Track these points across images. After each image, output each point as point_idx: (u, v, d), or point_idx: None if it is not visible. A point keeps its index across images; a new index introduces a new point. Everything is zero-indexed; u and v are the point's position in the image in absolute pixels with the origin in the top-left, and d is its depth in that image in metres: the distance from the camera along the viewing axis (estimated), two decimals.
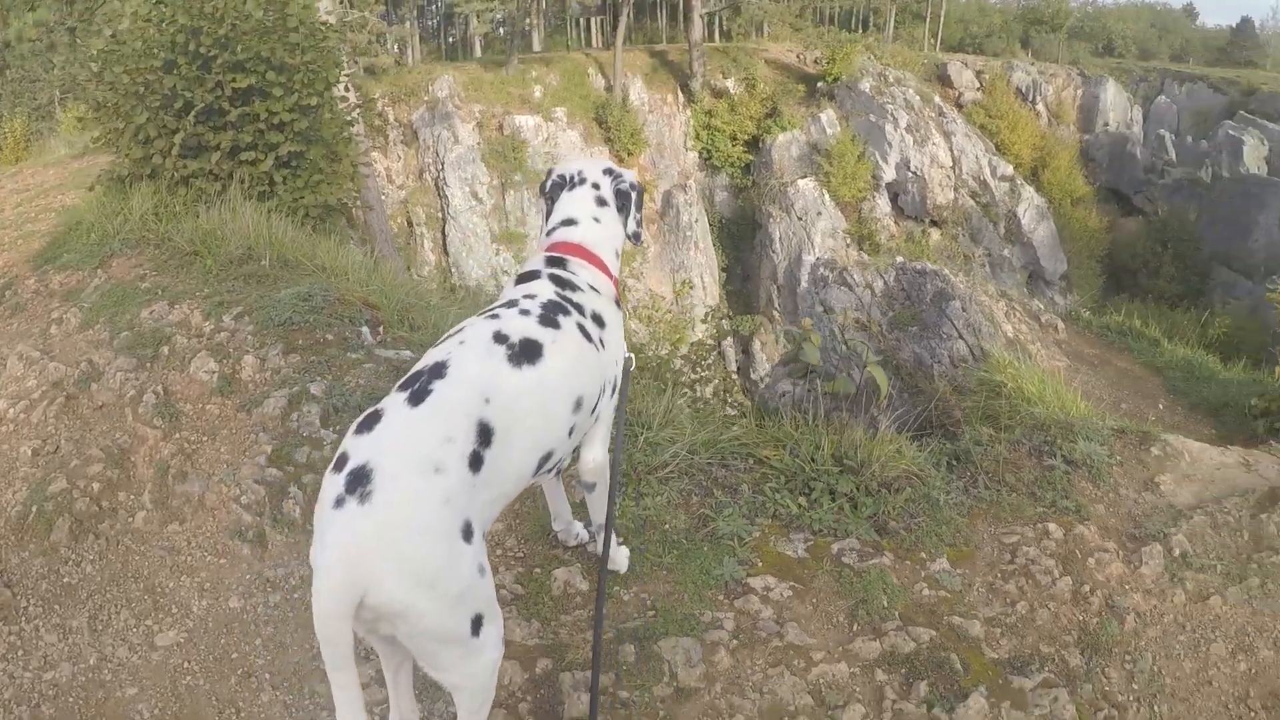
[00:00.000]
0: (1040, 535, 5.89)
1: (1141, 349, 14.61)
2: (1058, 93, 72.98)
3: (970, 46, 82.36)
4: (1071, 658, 5.02)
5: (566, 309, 3.82)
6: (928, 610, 5.13)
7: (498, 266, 45.61)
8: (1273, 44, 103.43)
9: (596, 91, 52.66)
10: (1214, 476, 7.42)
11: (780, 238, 50.33)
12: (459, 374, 3.34)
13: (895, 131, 52.91)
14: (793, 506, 5.69)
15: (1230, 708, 5.02)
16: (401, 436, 3.13)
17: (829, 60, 55.38)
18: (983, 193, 55.08)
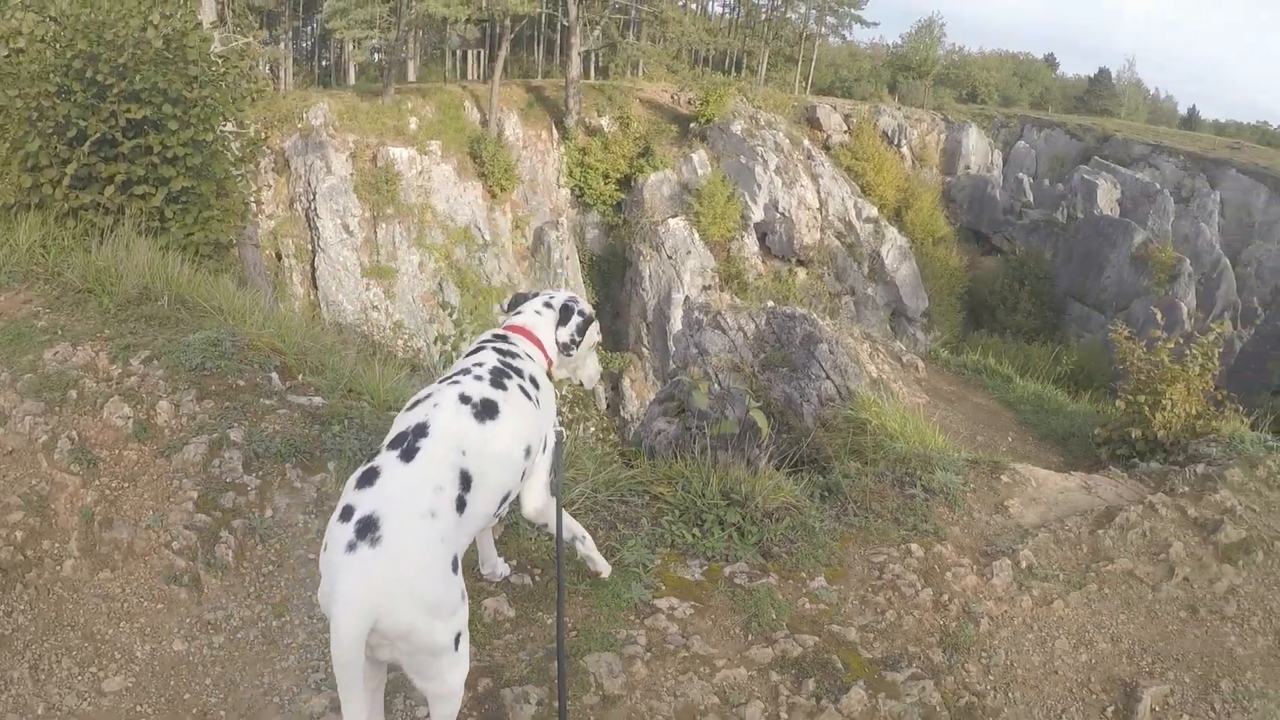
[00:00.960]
0: (904, 554, 6.68)
1: (995, 385, 15.35)
2: (922, 136, 75.32)
3: (840, 90, 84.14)
4: (935, 655, 5.76)
5: (508, 374, 4.43)
6: (810, 620, 5.82)
7: (368, 301, 45.05)
8: (1128, 93, 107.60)
9: (472, 125, 52.40)
10: (1057, 499, 8.25)
11: (650, 276, 50.98)
12: (438, 432, 3.90)
13: (765, 173, 53.98)
14: (688, 536, 6.37)
15: (1074, 692, 5.77)
16: (402, 489, 3.68)
17: (702, 101, 56.36)
18: (848, 233, 56.40)
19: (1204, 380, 12.45)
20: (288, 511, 6.02)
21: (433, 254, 46.81)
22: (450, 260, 47.28)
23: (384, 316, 44.23)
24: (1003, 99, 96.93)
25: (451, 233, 47.79)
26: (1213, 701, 5.96)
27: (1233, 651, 6.53)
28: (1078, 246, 67.00)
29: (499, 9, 50.91)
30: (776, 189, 54.35)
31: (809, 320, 14.42)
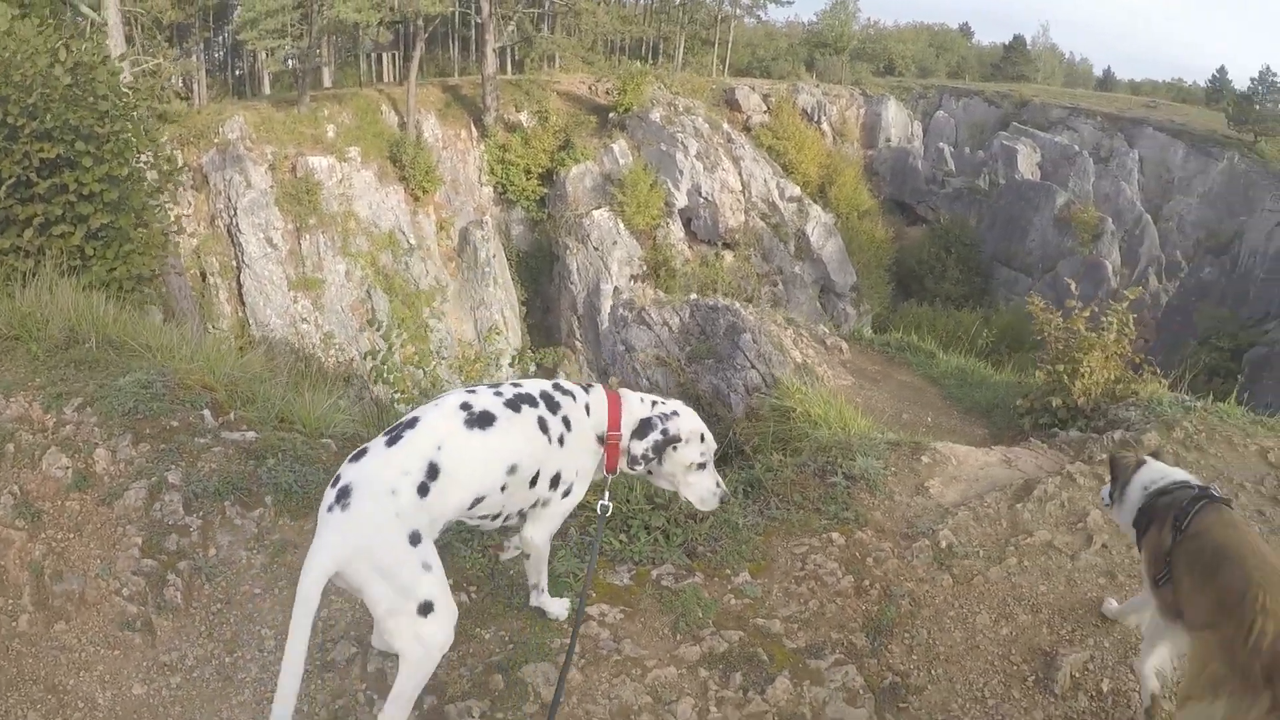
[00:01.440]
0: (826, 544, 6.89)
1: (919, 361, 15.49)
2: (842, 112, 75.93)
3: (758, 70, 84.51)
4: (858, 640, 5.97)
5: (535, 402, 4.89)
6: (736, 616, 6.01)
7: (296, 314, 44.40)
8: (1043, 59, 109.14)
9: (390, 129, 51.90)
10: (978, 476, 8.51)
11: (578, 269, 50.98)
12: (424, 427, 4.51)
13: (686, 159, 54.10)
14: (615, 543, 6.55)
15: (996, 664, 5.98)
16: (375, 467, 4.32)
17: (620, 91, 56.18)
18: (772, 214, 56.66)
19: (1121, 345, 12.75)
20: (230, 549, 6.11)
21: (359, 262, 46.30)
22: (377, 267, 46.85)
23: (314, 329, 43.75)
24: (920, 70, 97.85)
25: (376, 239, 47.36)
26: (1131, 664, 6.22)
27: None
28: (1001, 212, 68.27)
29: (410, 10, 50.33)
30: (698, 174, 54.51)
31: (732, 310, 14.57)
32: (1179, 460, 9.60)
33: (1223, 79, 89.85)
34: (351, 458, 4.46)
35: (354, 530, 4.11)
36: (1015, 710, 5.68)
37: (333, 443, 7.37)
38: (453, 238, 51.21)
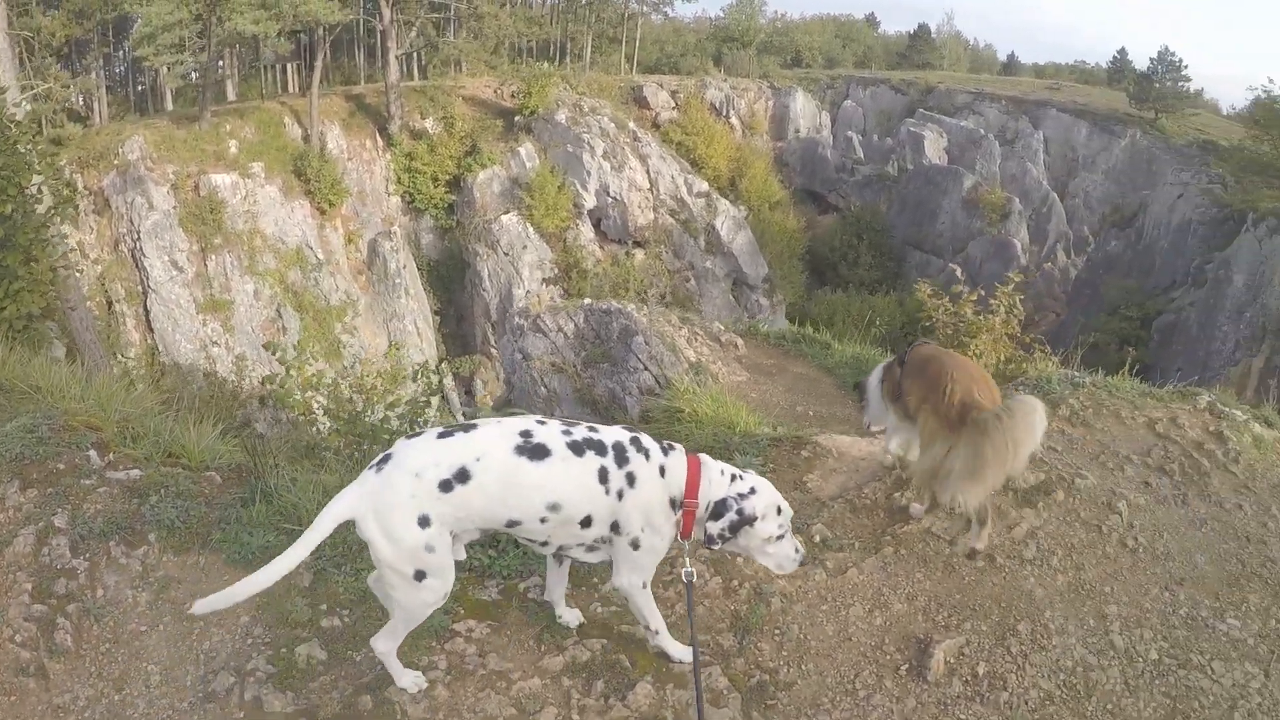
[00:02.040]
0: (693, 546, 6.73)
1: (815, 353, 15.52)
2: (750, 105, 76.45)
3: (666, 67, 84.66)
4: (725, 640, 6.11)
5: (605, 451, 5.10)
6: (601, 624, 6.13)
7: (207, 338, 43.24)
8: (948, 46, 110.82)
9: (294, 142, 50.89)
10: (859, 466, 8.61)
11: (489, 275, 50.61)
12: (475, 435, 4.96)
13: (593, 159, 54.03)
14: (484, 559, 6.61)
15: (868, 655, 6.15)
16: (416, 450, 4.85)
17: (525, 94, 55.90)
18: (681, 210, 56.82)
19: (1010, 326, 12.87)
20: (117, 589, 6.13)
21: (267, 280, 45.29)
22: (286, 284, 45.90)
23: (225, 352, 42.88)
24: (827, 61, 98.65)
25: (283, 256, 46.41)
26: (1009, 645, 6.38)
27: (1032, 593, 6.95)
28: (910, 196, 69.35)
29: (309, 20, 49.39)
30: (606, 174, 54.46)
31: (624, 313, 14.58)
32: (1066, 438, 9.73)
33: (1123, 60, 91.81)
34: (408, 436, 5.06)
35: (376, 493, 4.74)
36: (887, 700, 5.84)
37: (217, 475, 7.35)
38: (361, 250, 50.51)
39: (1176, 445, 9.95)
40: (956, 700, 5.86)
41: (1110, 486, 8.76)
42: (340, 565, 6.31)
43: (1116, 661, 6.37)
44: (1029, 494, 8.35)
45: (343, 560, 6.33)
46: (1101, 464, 9.36)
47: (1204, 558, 7.84)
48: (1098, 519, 8.13)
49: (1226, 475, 9.50)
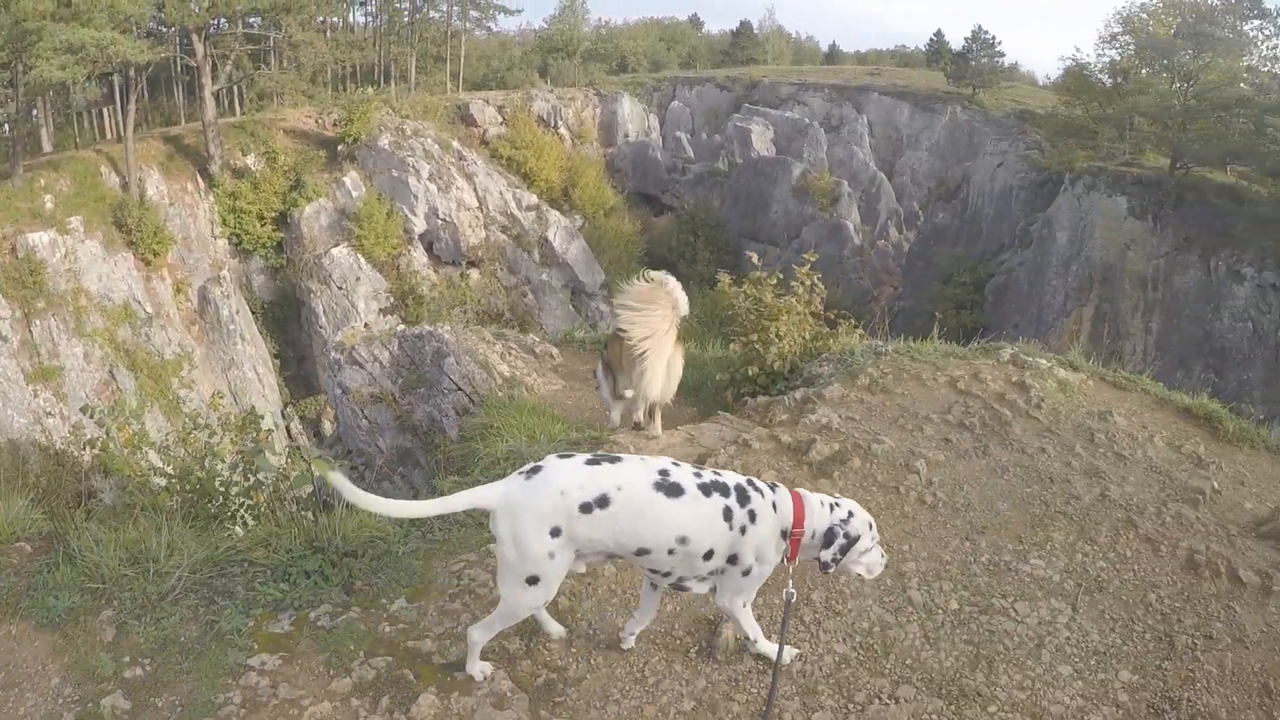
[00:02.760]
0: (482, 557, 6.96)
1: None
2: (578, 114, 76.59)
3: (494, 82, 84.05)
4: (511, 645, 6.02)
5: (728, 492, 5.43)
6: (388, 643, 6.02)
7: (39, 409, 39.47)
8: (771, 41, 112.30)
9: (112, 191, 47.49)
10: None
11: (325, 311, 49.45)
12: (620, 467, 5.34)
13: (419, 183, 53.34)
14: (276, 593, 6.46)
15: (658, 641, 6.17)
16: (564, 469, 5.25)
17: (346, 121, 54.82)
18: (512, 225, 56.55)
19: (812, 304, 13.01)
20: None
21: (96, 341, 42.33)
22: (116, 343, 43.24)
23: (60, 421, 40.65)
24: (653, 64, 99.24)
25: (111, 313, 43.66)
26: (803, 615, 6.47)
27: None
28: (742, 190, 70.52)
29: (119, 61, 47.01)
30: (434, 196, 53.79)
31: (436, 336, 14.50)
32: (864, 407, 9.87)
33: (940, 41, 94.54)
34: (558, 456, 5.42)
35: (518, 496, 5.15)
36: (676, 683, 5.82)
37: (27, 545, 7.11)
38: (192, 299, 48.23)
39: (978, 400, 10.18)
40: (748, 675, 5.85)
41: (909, 448, 8.91)
42: (140, 616, 6.11)
43: (915, 617, 6.47)
44: (824, 465, 8.47)
45: (143, 611, 6.15)
46: (900, 427, 9.53)
47: (1006, 504, 8.03)
48: (895, 480, 8.26)
49: (1030, 421, 9.77)
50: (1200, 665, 6.12)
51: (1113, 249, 49.50)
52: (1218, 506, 8.28)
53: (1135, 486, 8.47)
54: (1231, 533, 7.81)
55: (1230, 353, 44.48)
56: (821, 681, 5.84)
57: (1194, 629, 6.50)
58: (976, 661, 6.07)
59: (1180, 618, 6.62)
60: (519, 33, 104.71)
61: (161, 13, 48.52)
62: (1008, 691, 5.82)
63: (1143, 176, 51.57)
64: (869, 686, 5.81)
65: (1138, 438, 9.62)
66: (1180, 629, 6.47)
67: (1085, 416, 10.04)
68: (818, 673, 5.92)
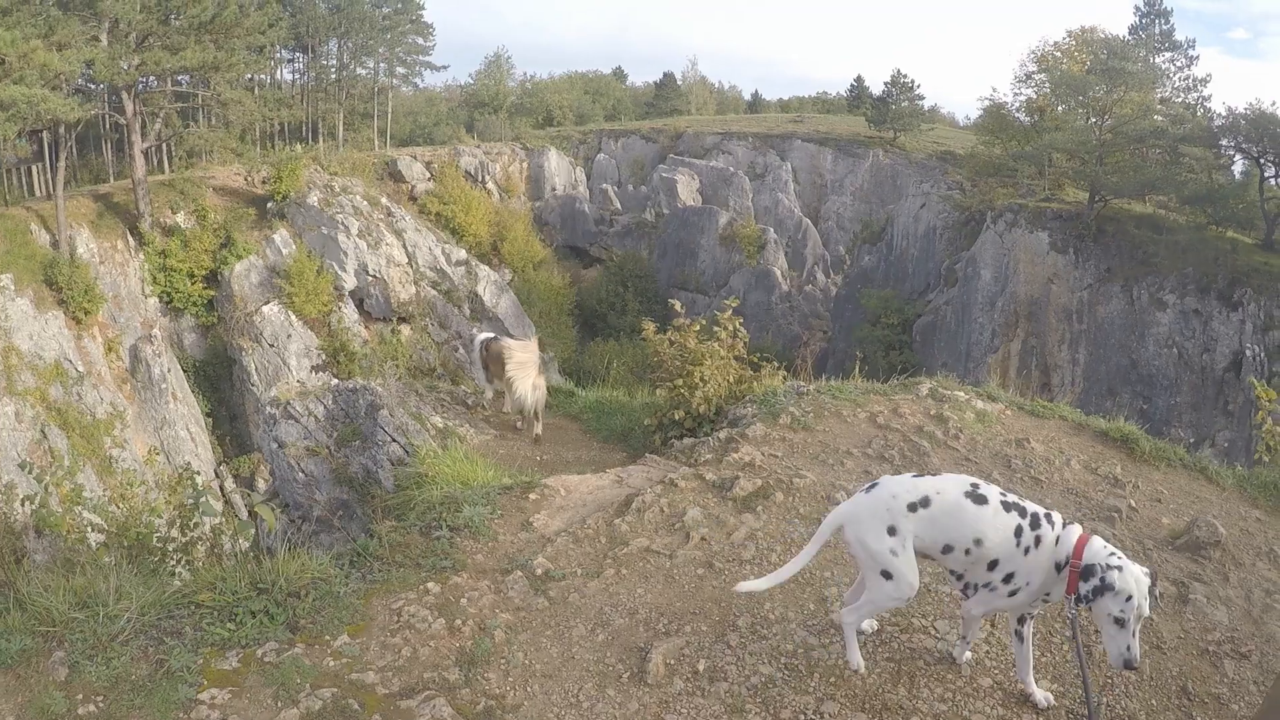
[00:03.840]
0: (422, 594, 7.20)
1: (560, 402, 15.87)
2: (505, 168, 76.87)
3: (421, 139, 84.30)
4: (451, 675, 6.29)
5: (1025, 514, 6.09)
6: (332, 675, 6.23)
7: None
8: (695, 91, 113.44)
9: (43, 249, 46.58)
10: (586, 501, 8.88)
11: (257, 369, 48.86)
12: (940, 480, 6.31)
13: (349, 240, 53.21)
14: (223, 632, 6.59)
15: (591, 669, 6.45)
16: (895, 482, 6.32)
17: (275, 179, 54.48)
18: (442, 280, 56.51)
19: (735, 349, 13.34)
20: None
21: (27, 400, 41.28)
22: (47, 402, 42.23)
23: None
24: (578, 118, 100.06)
25: (42, 372, 42.79)
26: (729, 640, 6.72)
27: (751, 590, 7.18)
28: (670, 240, 71.24)
29: (50, 118, 46.41)
30: (363, 253, 53.66)
31: (369, 390, 14.72)
32: (787, 444, 10.18)
33: (861, 87, 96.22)
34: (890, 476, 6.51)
35: (859, 506, 6.25)
36: (610, 707, 6.12)
37: None
38: (123, 358, 47.37)
39: (897, 433, 10.56)
40: (678, 697, 6.13)
41: (830, 480, 9.25)
42: (92, 656, 6.22)
43: (838, 639, 6.71)
44: (748, 500, 8.78)
45: (94, 652, 6.25)
46: (822, 462, 9.86)
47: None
48: (817, 513, 8.59)
49: (948, 451, 10.16)
50: (1118, 672, 6.47)
51: (1036, 284, 50.79)
52: (1134, 523, 8.72)
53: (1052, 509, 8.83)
54: (1148, 547, 8.26)
55: (1157, 379, 45.79)
56: (748, 700, 6.11)
57: None
58: (899, 677, 6.38)
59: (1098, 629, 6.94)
60: (445, 89, 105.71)
61: (91, 70, 48.00)
62: (929, 704, 6.13)
63: (1063, 211, 53.08)
64: (794, 704, 6.09)
65: (1054, 462, 10.04)
66: (1098, 639, 6.75)
67: (1003, 444, 10.45)
68: (744, 692, 6.18)
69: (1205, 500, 9.53)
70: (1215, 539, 8.17)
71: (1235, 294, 43.77)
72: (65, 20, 45.44)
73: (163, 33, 49.14)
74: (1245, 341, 42.58)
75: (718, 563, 7.70)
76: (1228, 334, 43.51)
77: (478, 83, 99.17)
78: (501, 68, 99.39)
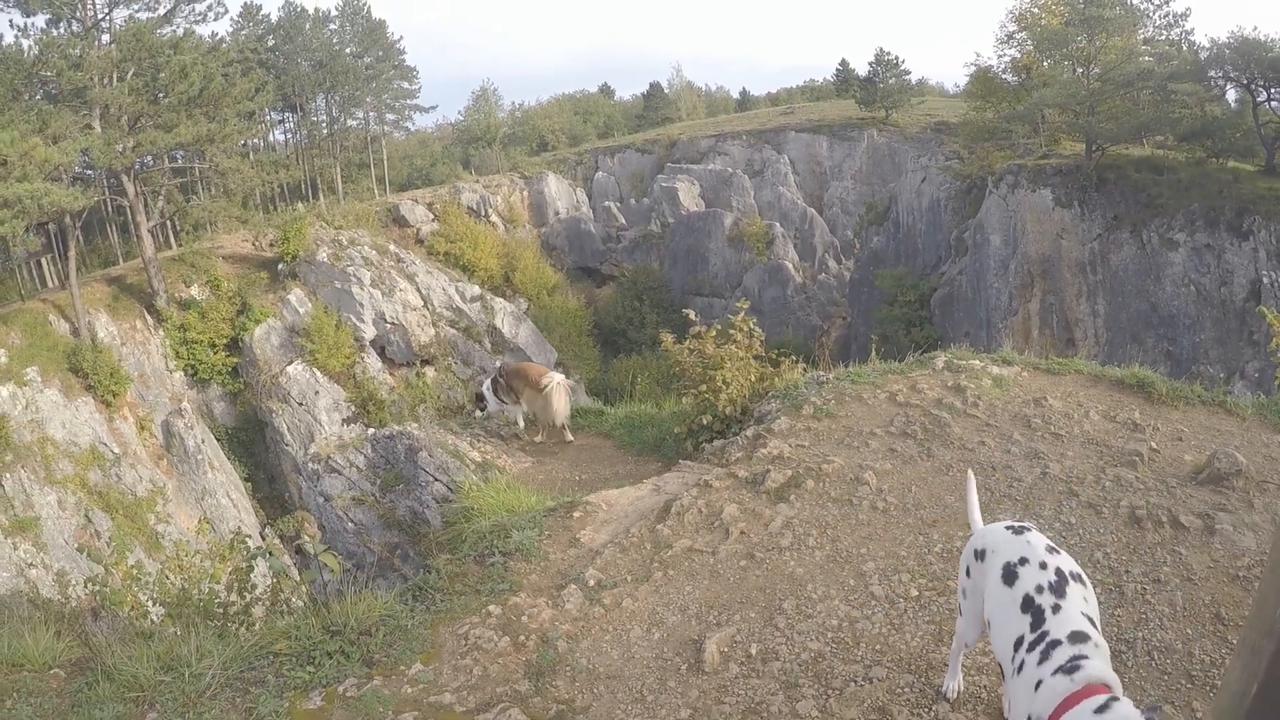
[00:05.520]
0: (485, 618, 7.56)
1: (590, 422, 16.24)
2: (506, 199, 76.98)
3: (419, 180, 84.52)
4: (521, 686, 6.65)
5: (1036, 621, 4.83)
6: (412, 701, 6.56)
7: (20, 562, 39.94)
8: (683, 98, 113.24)
9: (64, 338, 47.24)
10: (628, 511, 9.20)
11: (289, 428, 49.35)
12: (1032, 536, 5.23)
13: (363, 291, 53.66)
14: (304, 675, 6.92)
15: (651, 666, 6.78)
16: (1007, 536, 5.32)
17: (282, 239, 55.06)
18: (459, 319, 56.91)
19: (753, 348, 13.67)
20: None
21: (68, 488, 41.99)
22: (88, 487, 42.88)
23: (44, 571, 40.71)
24: (571, 139, 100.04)
25: (79, 458, 43.45)
26: (777, 623, 7.04)
27: (793, 574, 7.68)
28: (678, 247, 71.50)
29: (55, 210, 46.77)
30: (379, 301, 54.12)
31: (406, 434, 15.07)
32: (812, 433, 10.50)
33: (846, 70, 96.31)
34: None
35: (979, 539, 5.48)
36: (671, 697, 6.45)
37: (61, 671, 7.61)
38: (156, 434, 47.92)
39: (917, 409, 10.87)
40: (735, 681, 6.46)
41: (857, 462, 9.57)
42: (183, 714, 6.50)
43: (879, 609, 7.08)
44: (781, 491, 9.11)
45: (185, 709, 6.53)
46: (847, 445, 10.18)
47: (953, 497, 8.66)
48: (847, 494, 8.90)
49: (968, 420, 10.45)
50: (1151, 607, 6.70)
51: (1046, 241, 50.88)
52: (1156, 464, 8.95)
53: (1074, 460, 9.13)
54: (1171, 485, 8.49)
55: (1179, 319, 45.68)
56: (800, 675, 6.42)
57: (1142, 576, 7.12)
58: (940, 638, 6.66)
59: (1128, 568, 7.23)
60: (437, 128, 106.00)
61: (88, 157, 48.59)
62: (971, 658, 6.36)
63: (1062, 165, 53.19)
64: (844, 673, 6.40)
65: (1073, 416, 10.30)
66: (1129, 578, 7.08)
67: (1021, 405, 10.73)
68: (796, 669, 6.50)
69: (1226, 433, 9.75)
70: (1236, 469, 8.36)
71: (1244, 223, 43.58)
72: (57, 112, 46.26)
73: (154, 112, 49.79)
74: (1261, 269, 42.42)
75: (758, 553, 8.04)
76: (1242, 264, 43.36)
77: (468, 118, 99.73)
78: (489, 100, 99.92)
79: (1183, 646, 6.35)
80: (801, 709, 6.10)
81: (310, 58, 71.46)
